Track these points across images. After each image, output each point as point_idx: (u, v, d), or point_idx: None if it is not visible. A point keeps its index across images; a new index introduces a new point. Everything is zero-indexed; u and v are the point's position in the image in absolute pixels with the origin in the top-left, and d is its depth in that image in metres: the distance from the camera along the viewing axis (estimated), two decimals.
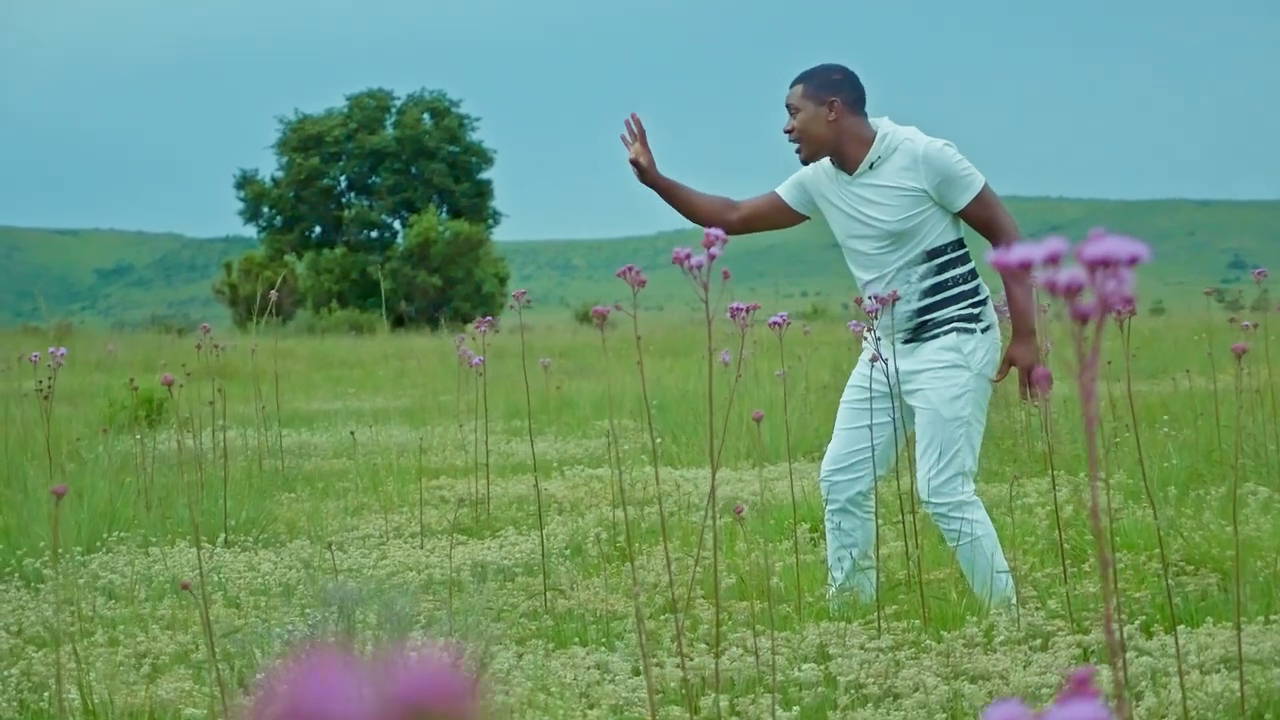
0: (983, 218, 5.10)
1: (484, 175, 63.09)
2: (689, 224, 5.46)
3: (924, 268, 5.10)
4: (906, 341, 5.14)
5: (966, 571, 5.18)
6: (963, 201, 5.08)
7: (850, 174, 5.14)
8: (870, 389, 5.20)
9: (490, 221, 62.33)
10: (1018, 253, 1.66)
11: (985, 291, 5.19)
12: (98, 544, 6.76)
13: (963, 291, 5.10)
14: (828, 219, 5.28)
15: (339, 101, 63.90)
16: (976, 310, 5.12)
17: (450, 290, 54.15)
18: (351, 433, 10.65)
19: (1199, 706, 3.87)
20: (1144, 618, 4.89)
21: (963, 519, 5.08)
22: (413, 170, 62.63)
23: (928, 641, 4.61)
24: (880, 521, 5.44)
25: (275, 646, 4.18)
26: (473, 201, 61.87)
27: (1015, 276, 1.54)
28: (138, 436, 8.89)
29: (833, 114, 5.09)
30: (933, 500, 5.11)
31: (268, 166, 76.51)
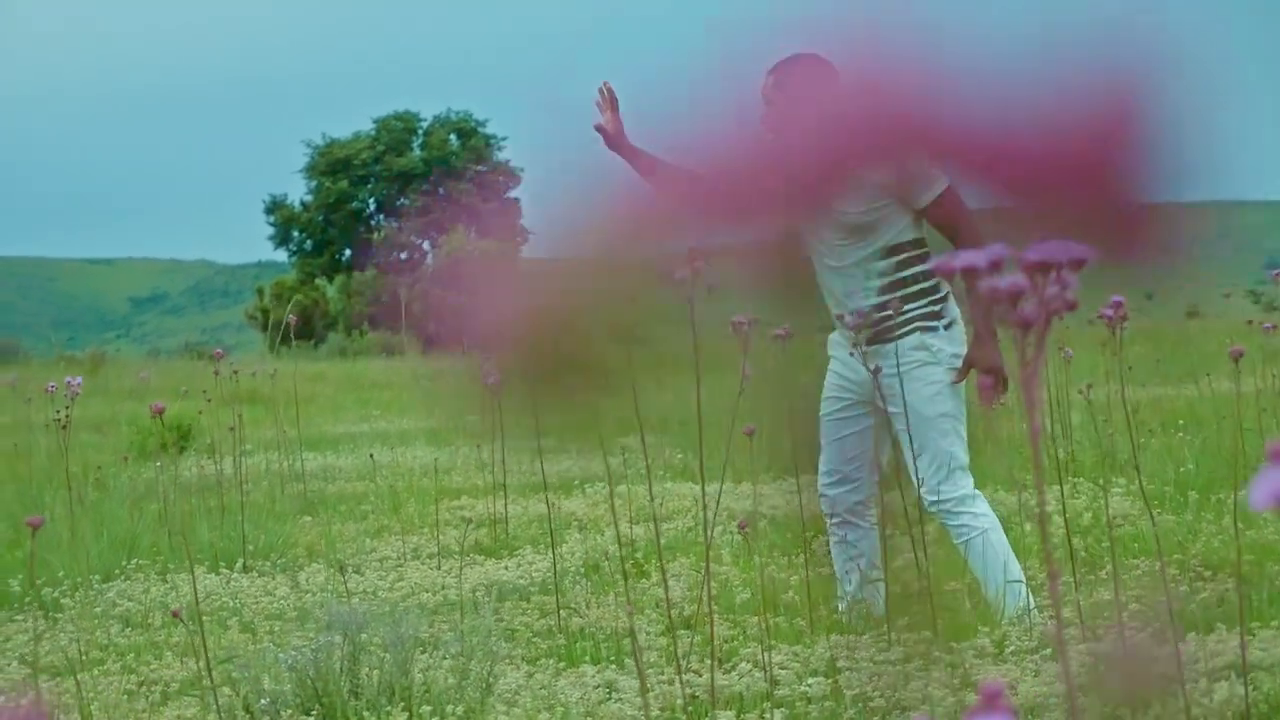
0: (944, 218, 5.02)
1: (512, 194, 63.23)
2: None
3: (882, 264, 5.07)
4: (870, 343, 5.09)
5: (977, 568, 5.14)
6: (923, 199, 5.03)
7: None
8: (845, 397, 5.21)
9: (520, 240, 62.43)
10: (962, 258, 1.65)
11: (945, 289, 5.12)
12: (116, 572, 6.78)
13: (922, 289, 5.06)
14: None
15: (366, 125, 64.24)
16: (937, 308, 5.08)
17: None
18: (371, 455, 10.66)
19: (1206, 713, 3.84)
20: (1157, 625, 4.85)
21: (967, 513, 5.06)
22: (440, 191, 62.81)
23: (938, 654, 4.59)
24: (889, 531, 5.42)
25: (281, 671, 4.18)
26: (501, 221, 61.96)
27: (972, 279, 1.53)
28: (158, 464, 8.92)
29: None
30: (934, 499, 5.08)
31: (297, 191, 76.75)
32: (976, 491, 5.12)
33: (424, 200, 62.31)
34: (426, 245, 62.79)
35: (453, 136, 63.64)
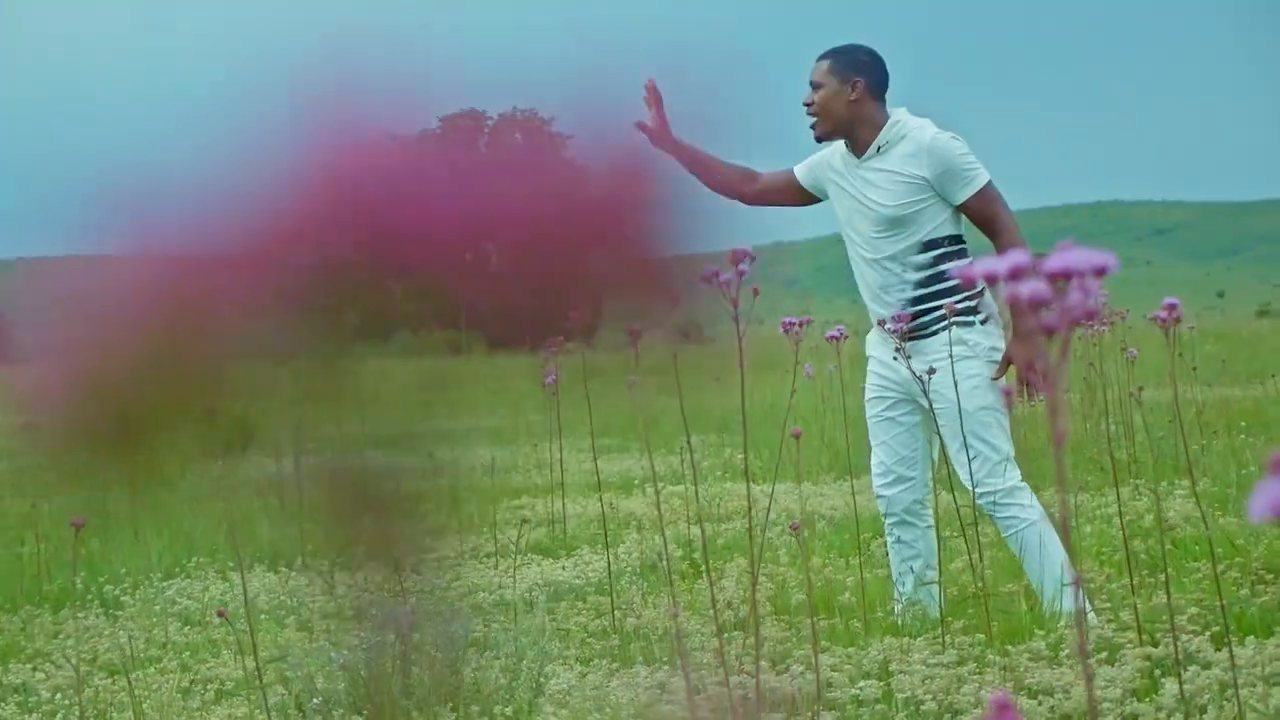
0: (983, 214, 5.05)
1: None
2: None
3: (920, 258, 5.06)
4: (911, 337, 5.08)
5: (1029, 563, 5.11)
6: (963, 195, 5.04)
7: (859, 157, 5.14)
8: (888, 396, 5.26)
9: None
10: (980, 265, 1.64)
11: (982, 284, 5.09)
12: (177, 570, 6.83)
13: (957, 284, 5.04)
14: (834, 203, 5.29)
15: (431, 122, 64.56)
16: (973, 303, 5.07)
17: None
18: (430, 454, 10.67)
19: (1261, 718, 3.79)
20: (1217, 628, 4.80)
21: (1015, 504, 5.05)
22: None
23: (992, 656, 4.55)
24: (945, 533, 5.39)
25: (333, 670, 4.19)
26: None
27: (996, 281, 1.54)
28: (221, 462, 8.98)
29: (854, 94, 5.10)
30: (982, 492, 5.06)
31: None
32: (1024, 484, 5.11)
33: None
34: None
35: (519, 135, 63.94)
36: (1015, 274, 1.69)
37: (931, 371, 4.92)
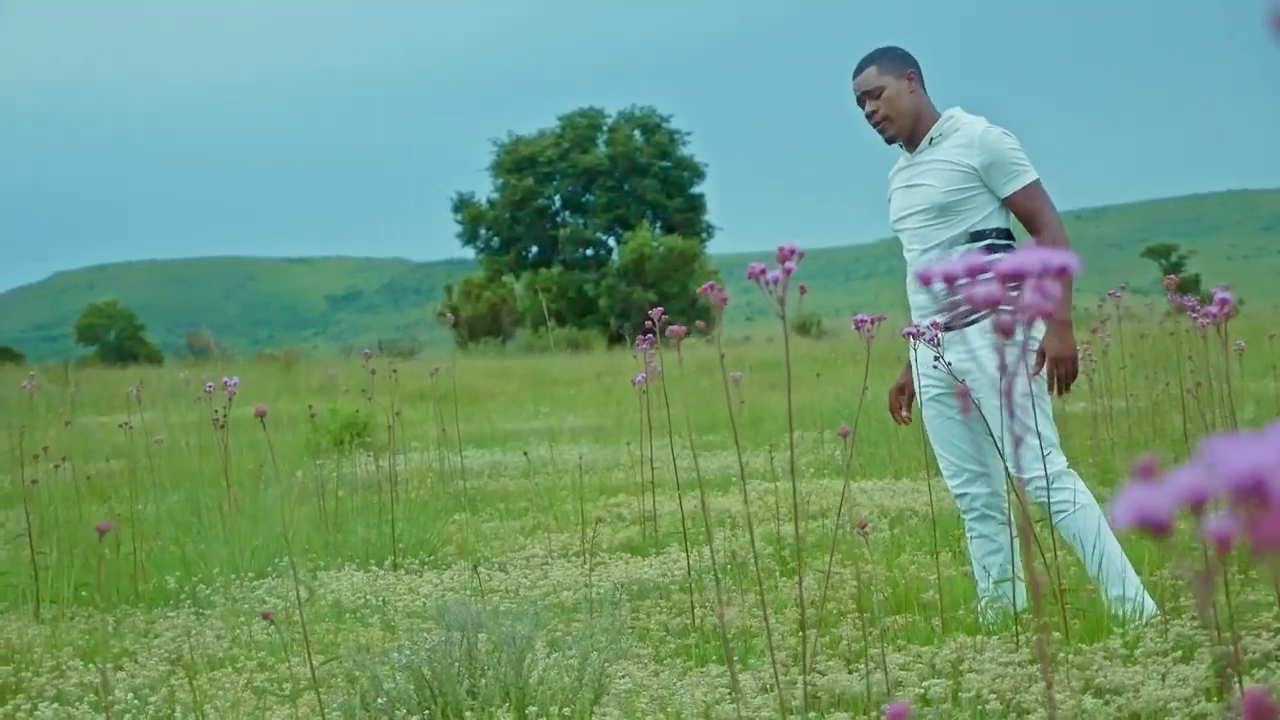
0: (1027, 209, 5.13)
1: (696, 189, 63.33)
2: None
3: (966, 248, 5.08)
4: (948, 328, 5.08)
5: (1085, 552, 5.08)
6: (1009, 189, 5.12)
7: (912, 152, 5.21)
8: (939, 397, 5.31)
9: (704, 235, 62.56)
10: (939, 268, 1.63)
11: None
12: (269, 569, 6.90)
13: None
14: (891, 205, 5.35)
15: (551, 122, 64.81)
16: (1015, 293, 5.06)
17: (665, 305, 54.52)
18: (525, 453, 10.72)
19: None
20: None
21: (1064, 489, 5.06)
22: (625, 187, 63.10)
23: (1067, 655, 4.49)
24: (1013, 533, 5.32)
25: (397, 670, 4.22)
26: (685, 216, 62.17)
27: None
28: (319, 461, 9.08)
29: (912, 85, 5.21)
30: (1029, 478, 5.05)
31: (484, 189, 77.58)
32: (1071, 470, 5.13)
33: (609, 196, 62.66)
34: (612, 241, 63.12)
35: (637, 132, 63.88)
36: (973, 273, 1.67)
37: (939, 357, 4.99)
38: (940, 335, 4.99)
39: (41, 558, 6.79)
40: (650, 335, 5.56)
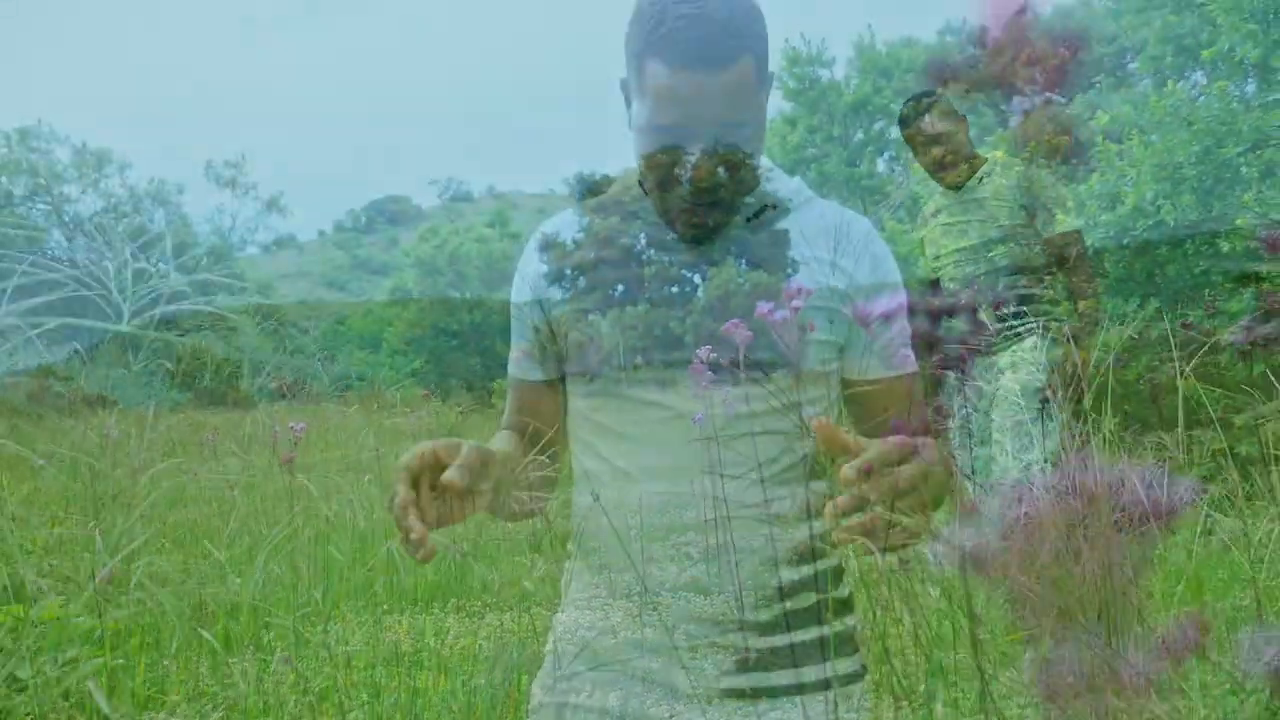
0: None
1: (780, 225, 63.45)
2: None
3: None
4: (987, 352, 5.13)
5: None
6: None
7: (958, 189, 5.24)
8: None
9: (789, 270, 62.61)
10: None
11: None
12: (334, 613, 6.92)
13: (1030, 297, 5.11)
14: (939, 241, 5.37)
15: (631, 160, 65.02)
16: (1033, 320, 5.13)
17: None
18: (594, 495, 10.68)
19: None
20: None
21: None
22: (709, 223, 63.38)
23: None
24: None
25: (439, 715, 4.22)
26: (770, 252, 62.33)
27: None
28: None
29: (965, 127, 5.26)
30: (1028, 461, 5.07)
31: (567, 229, 77.88)
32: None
33: (690, 232, 62.93)
34: (697, 278, 63.29)
35: (720, 169, 64.05)
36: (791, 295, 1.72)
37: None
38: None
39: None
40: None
